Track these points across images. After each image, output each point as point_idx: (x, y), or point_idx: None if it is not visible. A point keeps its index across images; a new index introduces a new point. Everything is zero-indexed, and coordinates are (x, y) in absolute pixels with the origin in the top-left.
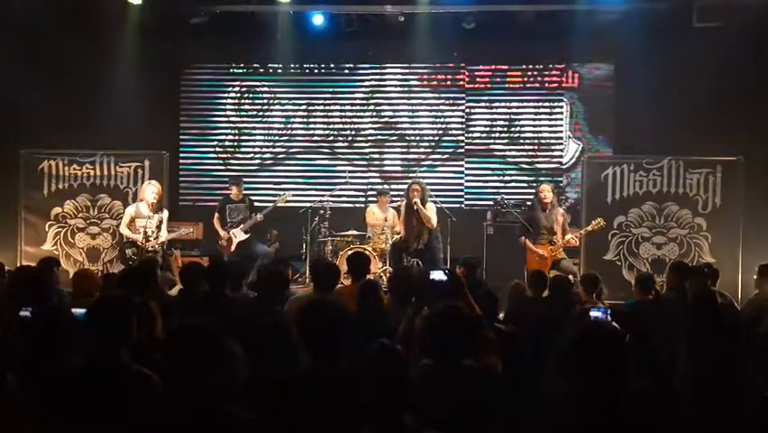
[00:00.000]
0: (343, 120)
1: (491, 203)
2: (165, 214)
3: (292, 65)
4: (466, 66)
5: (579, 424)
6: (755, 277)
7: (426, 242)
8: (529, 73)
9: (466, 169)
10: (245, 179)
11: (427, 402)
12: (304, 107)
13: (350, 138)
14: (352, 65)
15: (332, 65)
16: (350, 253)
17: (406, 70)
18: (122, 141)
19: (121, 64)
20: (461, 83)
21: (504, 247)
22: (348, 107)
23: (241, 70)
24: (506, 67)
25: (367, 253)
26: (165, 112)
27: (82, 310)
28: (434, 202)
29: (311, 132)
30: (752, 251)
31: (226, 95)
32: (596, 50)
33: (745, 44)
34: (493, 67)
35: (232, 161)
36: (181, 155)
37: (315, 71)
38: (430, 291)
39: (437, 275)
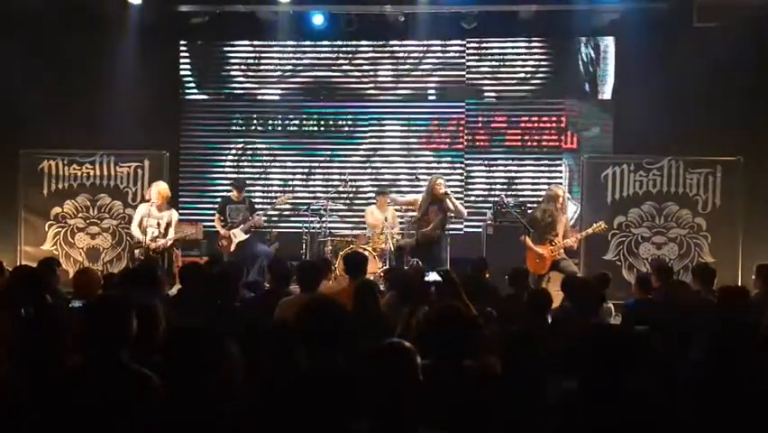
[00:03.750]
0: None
1: (491, 204)
2: (174, 216)
3: (292, 66)
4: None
5: (580, 424)
6: (754, 277)
7: (440, 234)
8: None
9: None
10: (248, 181)
11: (427, 403)
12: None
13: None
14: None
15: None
16: (347, 252)
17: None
18: (122, 141)
19: (121, 64)
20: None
21: (504, 247)
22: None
23: (241, 70)
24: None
25: (363, 252)
26: (165, 112)
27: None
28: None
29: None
30: (752, 251)
31: (226, 93)
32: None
33: (745, 44)
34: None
35: (233, 162)
36: (181, 155)
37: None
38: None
39: (432, 277)
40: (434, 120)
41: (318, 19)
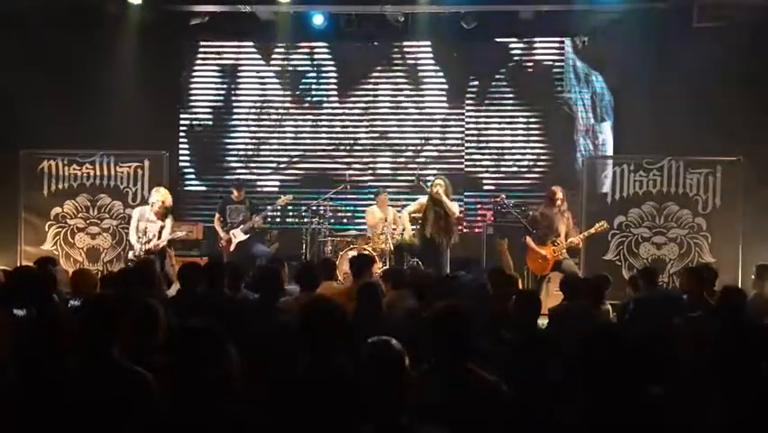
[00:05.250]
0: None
1: (491, 204)
2: (168, 221)
3: (292, 67)
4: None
5: (583, 427)
6: (753, 277)
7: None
8: None
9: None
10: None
11: (427, 404)
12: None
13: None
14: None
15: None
16: (353, 253)
17: None
18: (122, 141)
19: (121, 64)
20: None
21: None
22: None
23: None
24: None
25: (370, 253)
26: (165, 112)
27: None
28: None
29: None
30: (752, 251)
31: (225, 94)
32: (596, 49)
33: (745, 44)
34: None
35: (230, 159)
36: (181, 155)
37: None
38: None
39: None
40: None
41: (318, 19)
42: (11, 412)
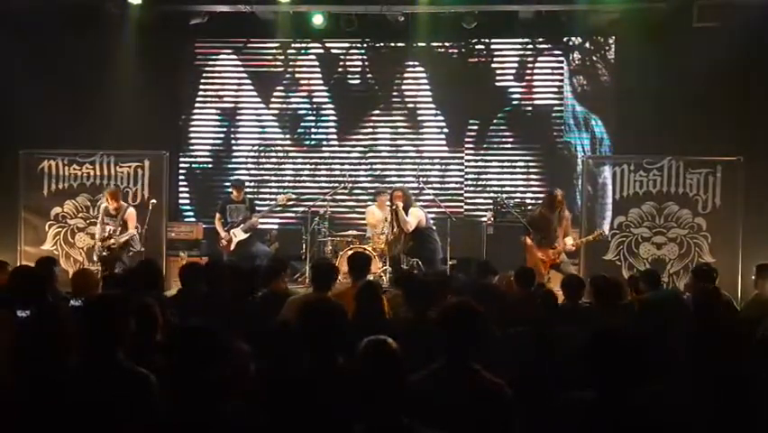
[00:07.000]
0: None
1: (491, 203)
2: (129, 212)
3: (290, 68)
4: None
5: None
6: (754, 277)
7: (412, 242)
8: None
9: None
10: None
11: (430, 404)
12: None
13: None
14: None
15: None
16: (350, 252)
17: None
18: (122, 141)
19: (121, 64)
20: None
21: (504, 247)
22: None
23: (240, 71)
24: None
25: (368, 252)
26: (165, 112)
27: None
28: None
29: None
30: (752, 251)
31: (225, 94)
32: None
33: (745, 44)
34: None
35: (231, 161)
36: (181, 155)
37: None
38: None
39: None
40: None
41: (318, 19)
42: (11, 412)
